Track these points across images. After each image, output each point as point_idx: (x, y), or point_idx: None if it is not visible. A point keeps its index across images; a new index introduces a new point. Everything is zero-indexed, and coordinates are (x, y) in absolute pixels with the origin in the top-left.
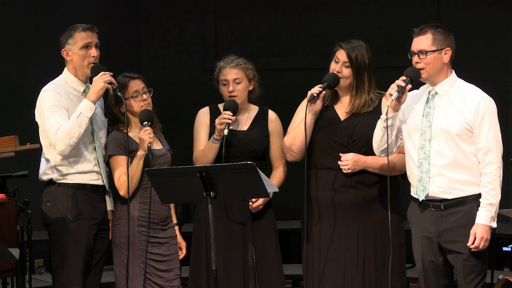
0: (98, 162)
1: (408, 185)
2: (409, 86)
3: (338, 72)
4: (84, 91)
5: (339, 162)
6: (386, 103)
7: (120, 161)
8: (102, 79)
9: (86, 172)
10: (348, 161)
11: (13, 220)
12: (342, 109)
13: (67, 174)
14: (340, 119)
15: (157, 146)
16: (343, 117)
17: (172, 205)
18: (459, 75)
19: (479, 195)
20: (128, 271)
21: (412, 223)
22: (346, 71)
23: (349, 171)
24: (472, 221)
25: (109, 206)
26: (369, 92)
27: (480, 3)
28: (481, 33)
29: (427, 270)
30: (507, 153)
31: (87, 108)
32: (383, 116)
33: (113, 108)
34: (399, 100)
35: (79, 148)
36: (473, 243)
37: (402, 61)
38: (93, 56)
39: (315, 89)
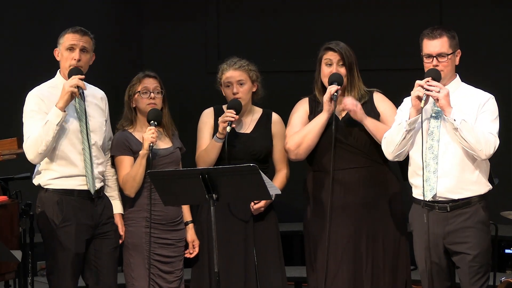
0: (86, 166)
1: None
2: None
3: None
4: None
5: (343, 105)
6: (413, 104)
7: (123, 161)
8: (68, 84)
9: (72, 176)
10: (351, 100)
11: (16, 222)
12: (338, 109)
13: (52, 179)
14: (338, 118)
15: (165, 145)
16: (340, 117)
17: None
18: (462, 76)
19: (483, 196)
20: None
21: (415, 225)
22: (342, 70)
23: (354, 107)
24: (478, 222)
25: (116, 209)
26: (359, 86)
27: (482, 4)
28: (483, 35)
29: (431, 272)
30: (509, 156)
31: (54, 115)
32: (407, 120)
33: (125, 101)
34: (426, 101)
35: (64, 152)
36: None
37: (405, 63)
38: (75, 59)
39: (334, 88)
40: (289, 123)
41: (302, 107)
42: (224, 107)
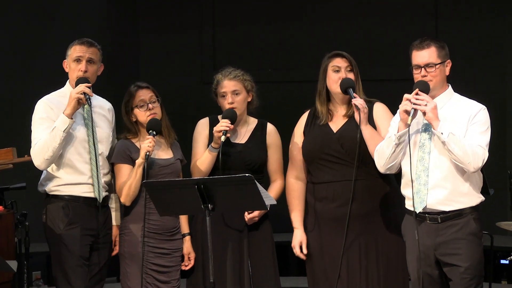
0: (93, 174)
1: None
2: None
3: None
4: None
5: (354, 100)
6: (401, 118)
7: (121, 169)
8: (74, 91)
9: (79, 183)
10: (363, 101)
11: (11, 232)
12: (336, 123)
13: (58, 186)
14: (333, 131)
15: (165, 155)
16: (335, 129)
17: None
18: (457, 87)
19: (475, 208)
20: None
21: (407, 236)
22: (351, 75)
23: (363, 108)
24: (469, 234)
25: (115, 221)
26: (362, 93)
27: (477, 15)
28: (478, 45)
29: (423, 283)
30: (505, 165)
31: (62, 122)
32: (396, 134)
33: (123, 117)
34: (414, 115)
35: (71, 160)
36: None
37: (401, 74)
38: (81, 71)
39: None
40: (290, 145)
41: (299, 127)
42: (220, 117)
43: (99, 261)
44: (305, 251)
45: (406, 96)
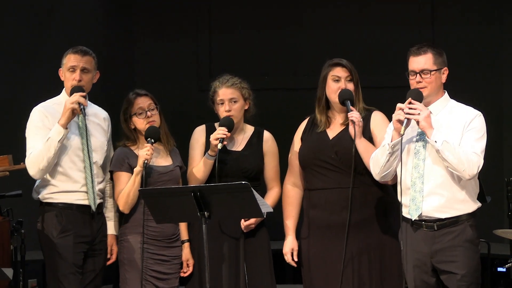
0: (87, 182)
1: None
2: None
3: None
4: None
5: (349, 114)
6: (395, 128)
7: (120, 177)
8: (69, 101)
9: (72, 191)
10: (358, 114)
11: (7, 240)
12: (333, 130)
13: (52, 193)
14: (329, 138)
15: (164, 162)
16: (331, 136)
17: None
18: (454, 91)
19: (472, 214)
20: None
21: (404, 243)
22: (350, 85)
23: (358, 122)
24: (466, 241)
25: (110, 230)
26: (360, 102)
27: (475, 20)
28: (475, 50)
29: None
30: (502, 172)
31: (56, 132)
32: (390, 143)
33: (122, 125)
34: (408, 124)
35: (65, 168)
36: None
37: (398, 81)
38: (75, 80)
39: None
40: (290, 152)
41: (298, 134)
42: (216, 124)
43: (94, 268)
44: (295, 258)
45: (399, 105)
